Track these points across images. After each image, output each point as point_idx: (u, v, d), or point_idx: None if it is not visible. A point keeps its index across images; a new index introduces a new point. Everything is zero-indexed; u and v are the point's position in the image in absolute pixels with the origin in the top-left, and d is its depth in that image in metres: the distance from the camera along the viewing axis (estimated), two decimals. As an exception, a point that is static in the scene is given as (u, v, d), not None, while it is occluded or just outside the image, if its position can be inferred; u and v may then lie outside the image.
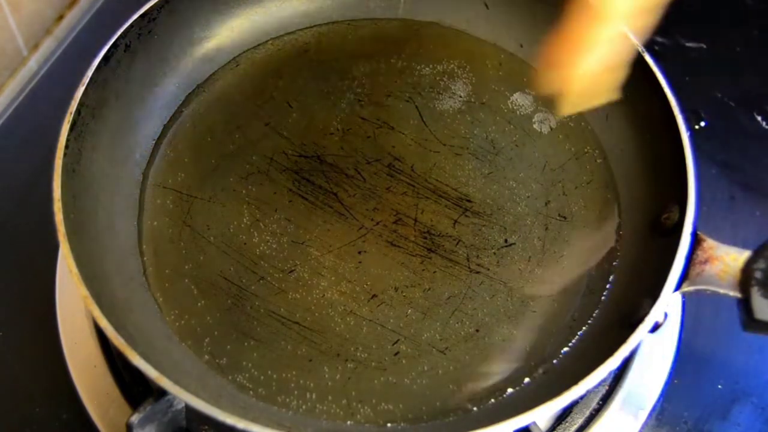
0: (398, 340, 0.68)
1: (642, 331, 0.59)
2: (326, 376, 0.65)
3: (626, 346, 0.58)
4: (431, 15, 0.89)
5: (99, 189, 0.71)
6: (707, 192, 0.67)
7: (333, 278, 0.71)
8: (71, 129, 0.68)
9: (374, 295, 0.70)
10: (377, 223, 0.74)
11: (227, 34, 0.86)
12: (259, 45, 0.86)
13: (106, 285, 0.65)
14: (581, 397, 0.66)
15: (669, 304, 0.62)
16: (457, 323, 0.69)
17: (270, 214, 0.74)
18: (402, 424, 0.63)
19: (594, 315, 0.68)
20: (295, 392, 0.64)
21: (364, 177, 0.77)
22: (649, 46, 0.71)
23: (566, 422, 0.69)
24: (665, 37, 0.98)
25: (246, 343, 0.67)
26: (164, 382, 0.55)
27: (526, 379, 0.65)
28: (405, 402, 0.64)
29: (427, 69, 0.85)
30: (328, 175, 0.77)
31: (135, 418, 0.55)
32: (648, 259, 0.69)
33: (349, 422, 0.63)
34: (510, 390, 0.65)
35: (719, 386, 0.74)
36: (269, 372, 0.65)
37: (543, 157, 0.79)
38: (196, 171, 0.77)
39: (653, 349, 0.73)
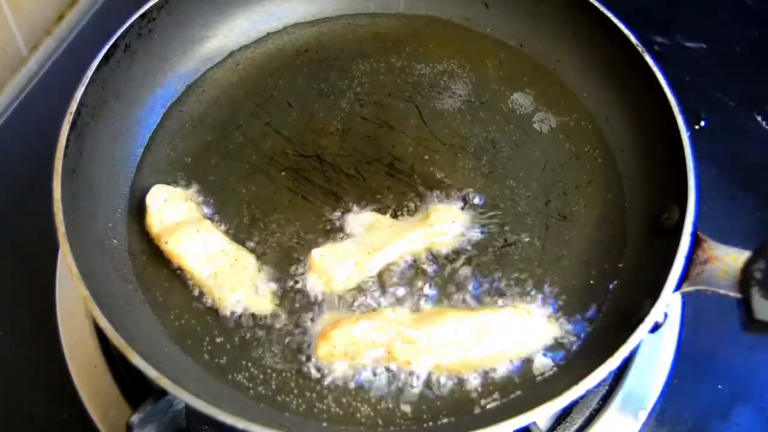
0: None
1: (642, 331, 0.59)
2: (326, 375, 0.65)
3: (626, 346, 0.58)
4: (431, 12, 0.89)
5: (99, 189, 0.71)
6: (707, 192, 0.67)
7: (333, 278, 0.71)
8: (71, 129, 0.68)
9: (374, 295, 0.70)
10: (377, 223, 0.74)
11: (227, 33, 0.86)
12: (259, 44, 0.86)
13: (106, 285, 0.65)
14: (581, 397, 0.66)
15: (669, 304, 0.62)
16: (457, 323, 0.69)
17: (270, 213, 0.74)
18: (402, 424, 0.63)
19: (594, 315, 0.68)
20: (295, 392, 0.64)
21: (364, 177, 0.77)
22: (649, 46, 0.71)
23: (566, 422, 0.69)
24: (665, 37, 0.98)
25: (245, 343, 0.67)
26: (164, 382, 0.55)
27: (527, 380, 0.65)
28: (405, 402, 0.64)
29: (427, 68, 0.85)
30: (328, 175, 0.77)
31: (135, 418, 0.55)
32: (648, 259, 0.69)
33: (348, 422, 0.63)
34: (511, 390, 0.65)
35: (719, 386, 0.74)
36: (269, 371, 0.65)
37: (543, 156, 0.79)
38: (196, 171, 0.77)
39: (653, 349, 0.73)
